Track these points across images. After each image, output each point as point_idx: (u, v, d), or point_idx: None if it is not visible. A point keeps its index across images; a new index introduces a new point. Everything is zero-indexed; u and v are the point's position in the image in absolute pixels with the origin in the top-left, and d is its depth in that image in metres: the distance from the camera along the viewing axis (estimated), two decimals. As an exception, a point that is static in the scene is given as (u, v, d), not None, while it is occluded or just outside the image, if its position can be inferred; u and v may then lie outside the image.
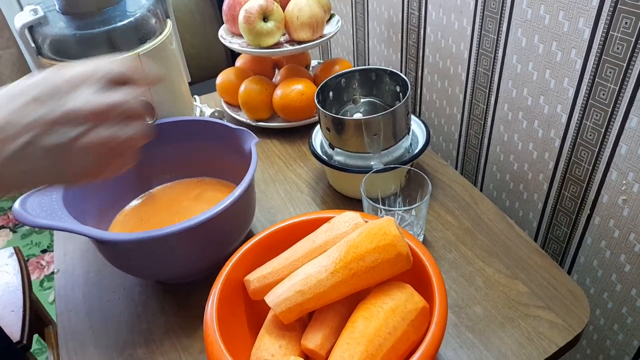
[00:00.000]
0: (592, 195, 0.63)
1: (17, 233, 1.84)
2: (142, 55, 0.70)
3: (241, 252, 0.47)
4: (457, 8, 0.73)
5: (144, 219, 0.62)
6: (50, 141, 0.31)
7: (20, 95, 0.31)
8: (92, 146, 0.33)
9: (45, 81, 0.32)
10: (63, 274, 0.63)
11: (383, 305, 0.40)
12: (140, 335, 0.54)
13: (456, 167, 0.89)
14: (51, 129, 0.31)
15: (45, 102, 0.31)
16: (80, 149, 0.32)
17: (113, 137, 0.33)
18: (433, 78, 0.86)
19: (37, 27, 0.67)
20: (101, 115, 0.33)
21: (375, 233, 0.41)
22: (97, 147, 0.33)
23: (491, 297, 0.55)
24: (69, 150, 0.32)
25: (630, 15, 0.50)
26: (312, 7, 0.77)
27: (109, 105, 0.33)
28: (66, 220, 0.49)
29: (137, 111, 0.35)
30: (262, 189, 0.73)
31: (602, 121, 0.58)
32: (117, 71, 0.35)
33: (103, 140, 0.33)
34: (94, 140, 0.32)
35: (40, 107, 0.31)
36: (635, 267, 0.60)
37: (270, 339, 0.42)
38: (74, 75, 0.33)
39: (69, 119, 0.31)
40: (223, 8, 0.84)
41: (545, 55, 0.61)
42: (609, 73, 0.54)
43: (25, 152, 0.31)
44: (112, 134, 0.33)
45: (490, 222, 0.64)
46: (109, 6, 0.69)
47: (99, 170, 0.34)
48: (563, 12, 0.57)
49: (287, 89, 0.80)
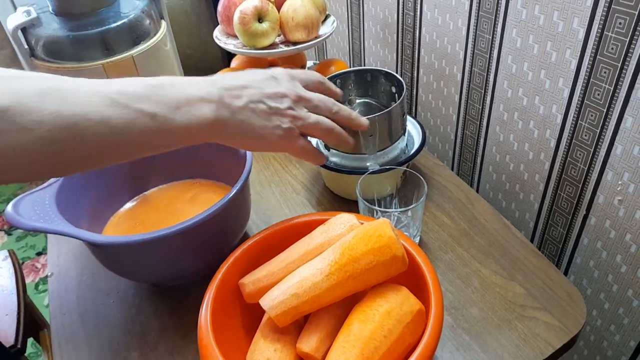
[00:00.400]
0: (588, 196, 0.63)
1: (12, 236, 1.83)
2: (136, 57, 0.69)
3: (236, 255, 0.46)
4: (452, 8, 0.73)
5: (139, 221, 0.62)
6: (264, 106, 0.44)
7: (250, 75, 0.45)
8: (290, 116, 0.45)
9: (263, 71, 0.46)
10: (57, 277, 0.62)
11: (379, 308, 0.40)
12: (135, 338, 0.54)
13: (452, 167, 0.89)
14: (267, 99, 0.44)
15: (266, 83, 0.45)
16: (282, 116, 0.45)
17: (303, 116, 0.46)
18: (429, 78, 0.86)
19: (30, 29, 0.67)
20: (300, 100, 0.46)
21: (371, 235, 0.41)
22: (292, 118, 0.45)
23: (487, 298, 0.54)
24: (275, 115, 0.44)
25: (624, 16, 0.50)
26: (307, 7, 0.77)
27: (305, 96, 0.46)
28: (59, 223, 0.49)
29: (322, 111, 0.48)
30: (257, 191, 0.73)
31: (597, 121, 0.57)
32: (316, 80, 0.50)
33: (296, 114, 0.45)
34: (291, 113, 0.45)
35: (261, 84, 0.45)
36: (631, 267, 0.60)
37: (265, 343, 0.42)
38: (282, 71, 0.47)
39: (278, 96, 0.45)
40: (218, 9, 0.84)
41: (540, 56, 0.61)
42: (604, 73, 0.54)
43: (249, 107, 0.43)
44: (303, 114, 0.46)
45: (486, 223, 0.64)
46: (102, 7, 0.68)
47: (288, 141, 0.46)
48: (557, 12, 0.57)
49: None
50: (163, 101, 0.38)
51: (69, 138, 0.34)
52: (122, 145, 0.37)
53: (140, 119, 0.37)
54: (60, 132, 0.33)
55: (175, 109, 0.39)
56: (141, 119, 0.37)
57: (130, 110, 0.36)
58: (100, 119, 0.35)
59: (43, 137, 0.33)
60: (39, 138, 0.33)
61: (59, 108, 0.33)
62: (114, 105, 0.36)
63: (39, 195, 0.52)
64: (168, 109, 0.38)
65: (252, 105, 0.43)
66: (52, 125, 0.33)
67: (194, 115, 0.40)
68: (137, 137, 0.37)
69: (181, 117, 0.39)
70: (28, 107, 0.32)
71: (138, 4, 0.72)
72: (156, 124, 0.38)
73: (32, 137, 0.33)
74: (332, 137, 0.49)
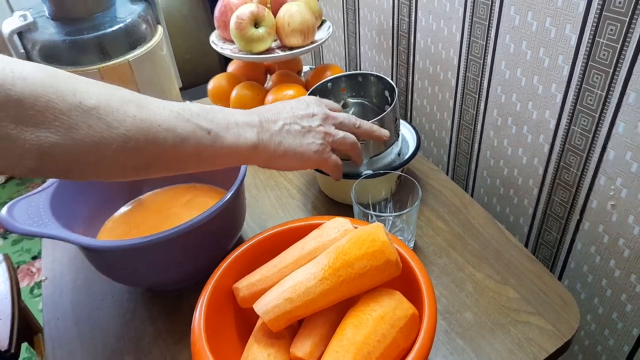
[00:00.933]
0: (581, 201, 0.63)
1: (7, 239, 1.83)
2: (133, 61, 0.69)
3: (230, 259, 0.46)
4: (447, 15, 0.74)
5: (133, 226, 0.62)
6: (297, 126, 0.51)
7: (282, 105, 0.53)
8: (321, 132, 0.52)
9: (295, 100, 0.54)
10: (51, 282, 0.62)
11: (372, 313, 0.40)
12: (129, 342, 0.54)
13: (447, 172, 0.89)
14: (299, 120, 0.51)
15: (297, 108, 0.52)
16: (314, 134, 0.52)
17: (333, 132, 0.53)
18: (423, 84, 0.86)
19: (27, 33, 0.67)
20: (327, 119, 0.54)
21: (364, 239, 0.41)
22: (324, 134, 0.52)
23: (481, 303, 0.55)
24: (308, 132, 0.51)
25: (615, 22, 0.50)
26: (303, 13, 0.78)
27: (332, 115, 0.54)
28: (53, 227, 0.49)
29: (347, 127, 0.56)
30: (253, 195, 0.73)
31: (589, 127, 0.58)
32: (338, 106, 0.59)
33: (327, 131, 0.53)
34: (322, 130, 0.52)
35: (293, 109, 0.52)
36: (624, 272, 0.61)
37: (259, 347, 0.42)
38: (309, 98, 0.56)
39: (309, 116, 0.52)
40: (215, 14, 0.84)
41: (533, 61, 0.62)
42: (596, 79, 0.55)
43: (285, 129, 0.50)
44: (333, 130, 0.54)
45: (480, 227, 0.64)
46: (99, 12, 0.69)
47: (322, 156, 0.53)
48: (550, 18, 0.57)
49: (278, 94, 0.80)
50: (216, 121, 0.45)
51: (142, 138, 0.39)
52: (181, 152, 0.43)
53: (199, 132, 0.43)
54: (137, 133, 0.39)
55: (226, 129, 0.45)
56: (199, 132, 0.43)
57: (191, 124, 0.43)
58: (168, 127, 0.41)
59: (122, 135, 0.38)
60: (119, 135, 0.38)
61: (136, 113, 0.39)
62: (179, 118, 0.42)
63: (33, 199, 0.52)
64: (220, 128, 0.45)
65: (287, 127, 0.50)
66: (131, 126, 0.39)
67: (241, 135, 0.46)
68: (193, 147, 0.43)
69: (230, 136, 0.45)
70: (113, 108, 0.38)
71: (134, 9, 0.72)
72: (210, 138, 0.44)
73: (114, 134, 0.38)
74: (355, 151, 0.57)
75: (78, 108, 0.36)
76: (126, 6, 0.72)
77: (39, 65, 0.37)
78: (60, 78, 0.37)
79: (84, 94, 0.37)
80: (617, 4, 0.50)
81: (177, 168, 0.44)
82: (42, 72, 0.36)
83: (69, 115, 0.36)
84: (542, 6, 0.58)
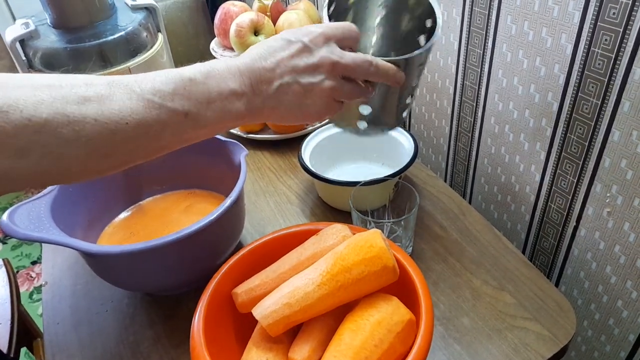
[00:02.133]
0: (578, 208, 0.64)
1: (7, 244, 1.83)
2: (133, 69, 0.70)
3: (229, 265, 0.47)
4: (444, 24, 0.74)
5: (133, 231, 0.62)
6: (297, 85, 0.42)
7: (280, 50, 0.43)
8: (325, 90, 0.44)
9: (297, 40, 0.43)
10: (51, 287, 0.62)
11: (369, 318, 0.40)
12: (128, 347, 0.54)
13: (445, 179, 0.90)
14: (299, 76, 0.42)
15: (298, 56, 0.42)
16: (317, 92, 0.43)
17: (339, 87, 0.44)
18: (422, 91, 0.87)
19: (29, 41, 0.68)
20: (334, 69, 0.43)
21: (362, 245, 0.41)
22: (329, 92, 0.44)
23: (479, 308, 0.55)
24: (310, 92, 0.43)
25: (609, 33, 0.51)
26: (302, 21, 0.78)
27: (341, 62, 0.43)
28: (54, 232, 0.49)
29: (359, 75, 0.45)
30: (252, 201, 0.74)
31: (585, 135, 0.59)
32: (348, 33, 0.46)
33: (333, 87, 0.44)
34: (327, 86, 0.43)
35: (293, 60, 0.42)
36: (620, 278, 0.61)
37: (258, 352, 0.42)
38: (316, 35, 0.44)
39: (312, 68, 0.43)
40: (215, 22, 0.85)
41: (530, 70, 0.63)
42: (591, 88, 0.56)
43: (283, 89, 0.42)
44: (339, 84, 0.44)
45: (478, 233, 0.65)
46: (100, 20, 0.69)
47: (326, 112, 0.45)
48: (546, 28, 0.58)
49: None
50: (195, 97, 0.38)
51: (109, 143, 0.35)
52: (158, 141, 0.38)
53: (174, 118, 0.37)
54: (101, 139, 0.34)
55: (207, 105, 0.39)
56: (175, 117, 0.37)
57: (164, 110, 0.37)
58: (137, 122, 0.36)
59: (84, 145, 0.34)
60: (80, 146, 0.34)
61: (97, 115, 0.34)
62: (149, 106, 0.36)
63: (34, 204, 0.53)
64: (200, 106, 0.38)
65: (285, 87, 0.42)
66: (92, 132, 0.34)
67: (227, 109, 0.40)
68: (170, 135, 0.38)
69: (212, 112, 0.39)
70: (68, 118, 0.33)
71: (135, 17, 0.73)
72: (189, 121, 0.38)
73: (74, 146, 0.33)
74: (364, 97, 0.48)
75: (27, 127, 0.31)
76: (127, 14, 0.73)
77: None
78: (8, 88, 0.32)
79: (32, 107, 0.32)
80: (611, 15, 0.50)
81: (157, 155, 0.40)
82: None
83: (17, 137, 0.31)
84: (538, 16, 0.59)
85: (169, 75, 0.38)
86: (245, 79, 0.41)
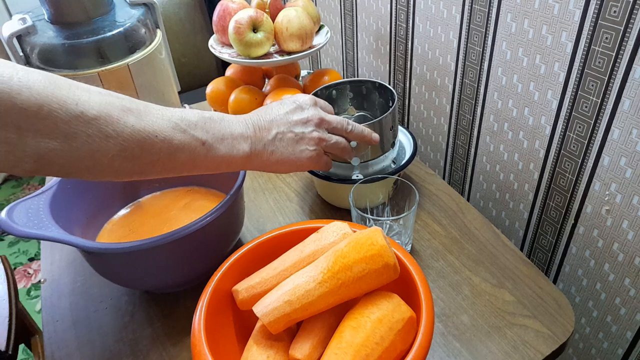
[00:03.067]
0: (576, 206, 0.64)
1: (4, 241, 1.82)
2: (132, 65, 0.70)
3: (230, 262, 0.47)
4: (444, 21, 0.74)
5: (132, 228, 0.62)
6: (291, 134, 0.52)
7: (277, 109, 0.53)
8: (314, 139, 0.53)
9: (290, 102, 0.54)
10: (49, 284, 0.62)
11: (370, 315, 0.40)
12: (127, 345, 0.54)
13: (444, 176, 0.90)
14: (293, 127, 0.52)
15: (292, 113, 0.53)
16: (307, 140, 0.52)
17: (326, 138, 0.54)
18: (421, 89, 0.87)
19: (26, 37, 0.67)
20: (321, 123, 0.54)
21: (363, 243, 0.41)
22: (317, 141, 0.53)
23: (478, 306, 0.55)
24: (302, 139, 0.52)
25: (610, 31, 0.51)
26: (301, 18, 0.78)
27: (326, 119, 0.55)
28: (53, 229, 0.49)
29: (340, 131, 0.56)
30: (251, 198, 0.74)
31: (585, 133, 0.59)
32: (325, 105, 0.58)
33: (321, 137, 0.53)
34: (315, 136, 0.53)
35: (287, 115, 0.52)
36: (618, 276, 0.61)
37: (258, 349, 0.42)
38: (307, 99, 0.55)
39: (303, 122, 0.53)
40: (213, 18, 0.84)
41: (530, 68, 0.63)
42: (591, 86, 0.56)
43: (279, 136, 0.51)
44: (326, 136, 0.54)
45: (476, 231, 0.65)
46: (98, 16, 0.69)
47: (316, 161, 0.54)
48: (546, 26, 0.58)
49: (276, 98, 0.80)
50: (212, 132, 0.46)
51: (138, 148, 0.41)
52: (175, 160, 0.44)
53: (193, 143, 0.45)
54: (133, 143, 0.41)
55: (221, 140, 0.47)
56: (194, 143, 0.45)
57: (187, 135, 0.44)
58: (164, 137, 0.43)
59: (119, 145, 0.40)
60: (116, 145, 0.40)
61: (135, 123, 0.41)
62: (176, 129, 0.44)
63: (33, 202, 0.53)
64: (215, 139, 0.46)
65: (280, 135, 0.51)
66: (129, 136, 0.40)
67: (235, 147, 0.48)
68: (187, 156, 0.45)
69: (224, 147, 0.47)
70: (113, 119, 0.40)
71: (134, 13, 0.72)
72: (204, 149, 0.46)
73: (111, 143, 0.40)
74: (347, 154, 0.58)
75: (79, 118, 0.38)
76: (125, 10, 0.73)
77: (43, 74, 0.38)
78: (64, 87, 0.38)
79: (86, 104, 0.38)
80: (612, 13, 0.50)
81: (170, 173, 0.46)
82: (46, 81, 0.37)
83: (69, 124, 0.37)
84: (539, 14, 0.59)
85: (193, 112, 0.47)
86: (250, 126, 0.50)
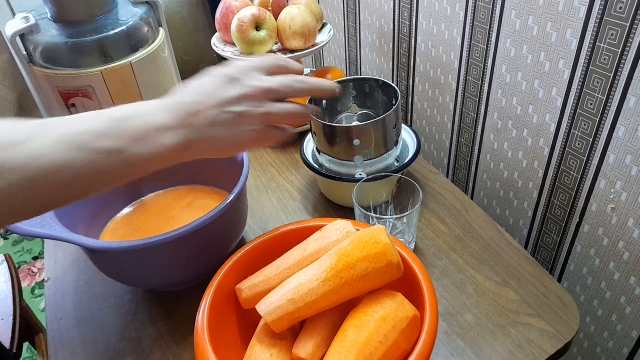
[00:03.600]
0: (581, 204, 0.64)
1: (8, 240, 1.83)
2: (135, 63, 0.70)
3: (233, 261, 0.47)
4: (448, 18, 0.74)
5: (135, 227, 0.62)
6: (227, 114, 0.43)
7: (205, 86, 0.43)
8: (256, 116, 0.44)
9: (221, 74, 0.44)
10: (53, 282, 0.62)
11: (374, 314, 0.40)
12: (131, 344, 0.54)
13: (447, 175, 0.90)
14: (227, 106, 0.43)
15: (223, 88, 0.43)
16: (248, 119, 0.43)
17: (272, 111, 0.44)
18: (424, 87, 0.87)
19: (29, 35, 0.67)
20: (263, 94, 0.44)
21: (366, 242, 0.41)
22: (260, 118, 0.44)
23: (482, 304, 0.55)
24: (241, 120, 0.43)
25: (616, 27, 0.51)
26: (304, 16, 0.78)
27: (266, 88, 0.44)
28: (57, 228, 0.49)
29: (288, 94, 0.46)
30: (254, 197, 0.74)
31: (590, 131, 0.58)
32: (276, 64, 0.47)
33: (263, 112, 0.44)
34: (257, 112, 0.44)
35: (218, 92, 0.43)
36: (624, 275, 0.61)
37: (262, 348, 0.42)
38: (245, 66, 0.45)
39: (238, 99, 0.43)
40: (216, 17, 0.84)
41: (534, 66, 0.62)
42: (597, 83, 0.55)
43: (212, 120, 0.42)
44: (270, 109, 0.44)
45: (481, 229, 0.65)
46: (101, 15, 0.69)
47: (262, 139, 0.45)
48: (551, 23, 0.58)
49: (279, 97, 0.80)
50: (125, 135, 0.39)
51: (38, 186, 0.36)
52: (83, 184, 0.38)
53: (104, 158, 0.38)
54: (30, 182, 0.35)
55: (138, 142, 0.39)
56: (105, 158, 0.38)
57: (93, 151, 0.37)
58: (59, 167, 0.36)
59: (15, 186, 0.34)
60: (11, 186, 0.34)
61: (26, 160, 0.35)
62: (78, 149, 0.37)
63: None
64: (130, 143, 0.39)
65: (214, 118, 0.42)
66: (21, 176, 0.35)
67: (157, 144, 0.40)
68: (104, 174, 0.38)
69: (146, 147, 0.39)
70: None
71: (137, 12, 0.72)
72: (121, 159, 0.39)
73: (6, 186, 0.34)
74: (299, 119, 0.48)
75: None
76: (128, 9, 0.73)
77: None
78: None
79: None
80: (617, 10, 0.50)
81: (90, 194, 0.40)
82: None
83: None
84: (543, 11, 0.58)
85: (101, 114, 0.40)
86: (174, 113, 0.41)
